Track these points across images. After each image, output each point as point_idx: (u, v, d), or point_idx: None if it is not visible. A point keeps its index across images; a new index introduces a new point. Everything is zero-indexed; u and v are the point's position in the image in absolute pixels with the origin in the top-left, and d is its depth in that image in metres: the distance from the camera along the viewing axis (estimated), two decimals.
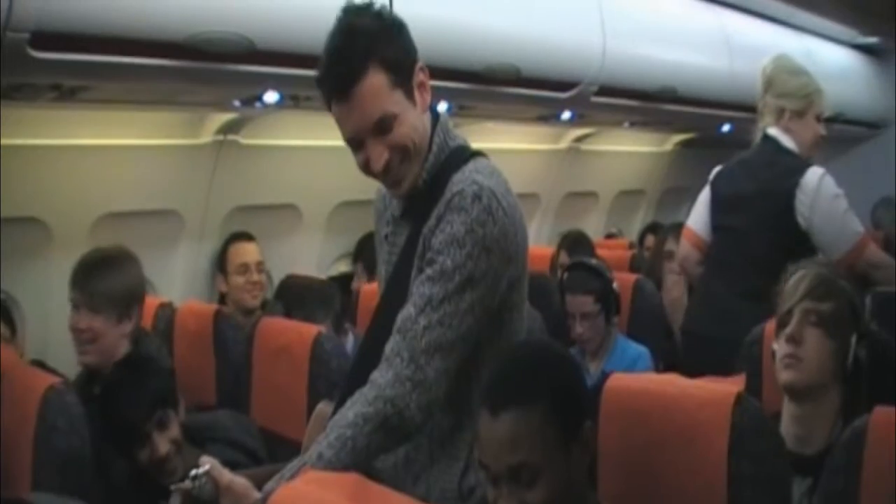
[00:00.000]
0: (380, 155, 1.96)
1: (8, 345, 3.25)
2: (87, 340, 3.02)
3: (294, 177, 4.56)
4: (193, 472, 1.91)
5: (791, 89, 3.56)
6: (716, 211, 3.64)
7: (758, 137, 3.62)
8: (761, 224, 3.43)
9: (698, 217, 3.72)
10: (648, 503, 1.94)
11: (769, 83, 3.58)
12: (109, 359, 2.93)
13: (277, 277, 4.49)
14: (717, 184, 3.67)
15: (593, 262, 3.94)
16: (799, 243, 3.30)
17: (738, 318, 3.07)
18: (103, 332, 3.01)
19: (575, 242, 5.05)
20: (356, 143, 1.98)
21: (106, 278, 3.02)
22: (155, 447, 2.59)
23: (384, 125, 1.94)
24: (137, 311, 3.11)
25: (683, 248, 3.81)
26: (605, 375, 2.16)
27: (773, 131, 3.55)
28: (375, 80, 1.92)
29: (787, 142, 3.53)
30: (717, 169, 3.74)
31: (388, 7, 2.03)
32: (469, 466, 2.00)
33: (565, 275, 3.94)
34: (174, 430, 2.64)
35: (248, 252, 4.21)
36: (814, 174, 3.42)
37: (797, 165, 3.47)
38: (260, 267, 4.23)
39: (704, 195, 3.72)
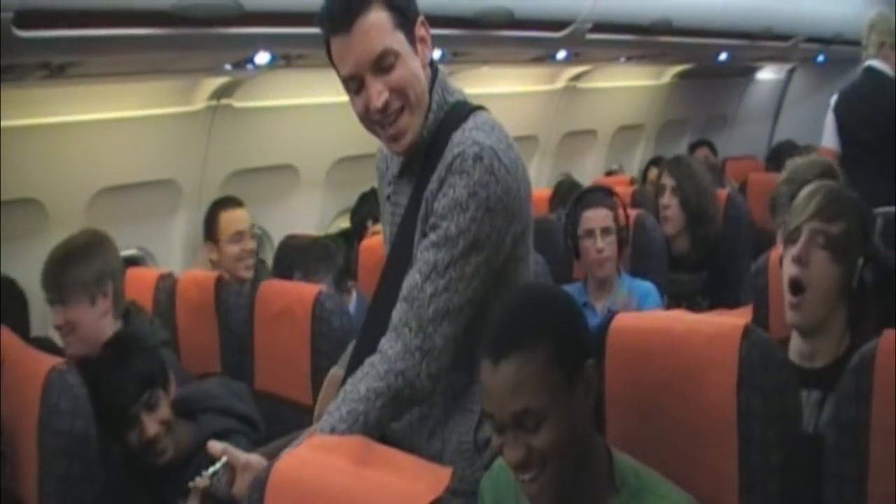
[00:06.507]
0: (379, 93, 1.92)
1: None
2: (67, 333, 3.00)
3: (290, 136, 4.54)
4: (211, 469, 1.91)
5: (891, 28, 4.90)
6: (844, 131, 4.86)
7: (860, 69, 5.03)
8: (885, 137, 4.64)
9: (830, 137, 4.95)
10: (657, 443, 1.92)
11: (874, 25, 4.93)
12: (96, 343, 2.86)
13: (277, 238, 4.47)
14: (839, 111, 4.93)
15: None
16: None
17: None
18: (79, 320, 2.97)
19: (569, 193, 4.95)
20: (355, 82, 1.94)
21: (68, 269, 2.97)
22: (144, 429, 2.56)
23: (385, 62, 1.91)
24: (115, 287, 3.05)
25: None
26: (610, 315, 2.14)
27: (875, 63, 4.90)
28: (378, 16, 1.90)
29: (888, 69, 4.87)
30: (833, 98, 5.02)
31: None
32: (483, 418, 2.00)
33: (576, 205, 3.86)
34: (163, 411, 2.61)
35: (241, 219, 4.01)
36: None
37: None
38: (253, 232, 4.07)
39: (830, 121, 4.95)
